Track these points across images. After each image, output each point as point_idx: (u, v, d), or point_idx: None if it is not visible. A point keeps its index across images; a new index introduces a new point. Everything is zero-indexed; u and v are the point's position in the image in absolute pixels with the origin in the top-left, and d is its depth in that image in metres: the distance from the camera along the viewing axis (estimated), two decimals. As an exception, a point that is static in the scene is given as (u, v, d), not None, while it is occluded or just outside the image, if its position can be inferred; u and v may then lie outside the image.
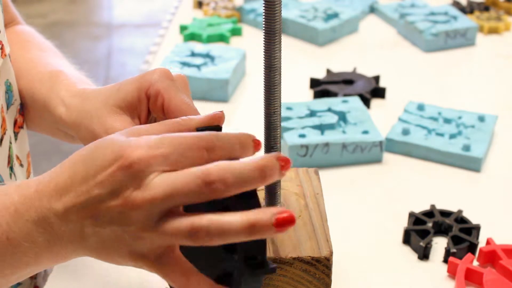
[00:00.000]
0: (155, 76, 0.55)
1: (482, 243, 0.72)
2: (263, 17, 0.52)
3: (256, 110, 0.58)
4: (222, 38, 1.27)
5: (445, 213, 0.76)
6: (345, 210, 0.79)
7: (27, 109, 0.69)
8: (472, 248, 0.71)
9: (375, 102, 1.05)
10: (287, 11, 1.30)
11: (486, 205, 0.80)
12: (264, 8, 0.52)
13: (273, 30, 0.52)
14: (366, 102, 1.03)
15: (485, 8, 1.38)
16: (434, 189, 0.84)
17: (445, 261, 0.71)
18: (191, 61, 1.09)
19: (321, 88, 1.06)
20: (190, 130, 0.48)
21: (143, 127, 0.48)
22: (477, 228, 0.73)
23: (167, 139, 0.44)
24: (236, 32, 1.30)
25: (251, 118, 1.00)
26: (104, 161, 0.43)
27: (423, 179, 0.86)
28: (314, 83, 1.09)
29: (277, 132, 0.57)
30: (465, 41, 1.25)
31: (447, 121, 0.94)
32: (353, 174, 0.87)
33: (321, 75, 1.12)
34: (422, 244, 0.71)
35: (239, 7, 1.37)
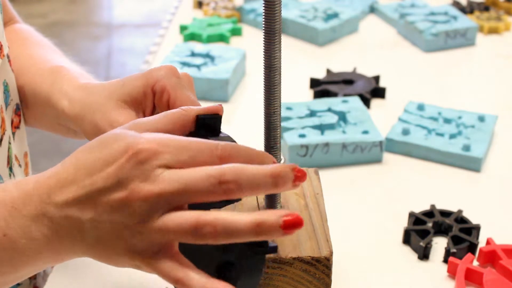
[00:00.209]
0: (161, 73, 0.55)
1: (482, 243, 0.72)
2: (263, 17, 0.52)
3: (256, 110, 0.58)
4: (222, 38, 1.27)
5: (445, 213, 0.76)
6: (345, 210, 0.79)
7: (28, 105, 0.69)
8: (472, 248, 0.71)
9: (375, 102, 1.05)
10: (287, 11, 1.30)
11: (486, 205, 0.80)
12: (264, 8, 0.52)
13: (273, 30, 0.52)
14: (366, 102, 1.03)
15: (485, 8, 1.38)
16: (434, 189, 0.84)
17: (445, 261, 0.71)
18: (191, 61, 1.09)
19: (321, 88, 1.06)
20: (191, 120, 0.48)
21: (145, 119, 0.47)
22: (477, 228, 0.73)
23: (178, 139, 0.43)
24: (236, 32, 1.30)
25: (251, 118, 1.00)
26: (112, 154, 0.43)
27: (423, 179, 0.86)
28: (314, 83, 1.09)
29: (277, 132, 0.57)
30: (465, 41, 1.25)
31: (447, 121, 0.94)
32: (353, 174, 0.87)
33: (321, 75, 1.12)
34: (422, 244, 0.71)
35: (239, 7, 1.37)
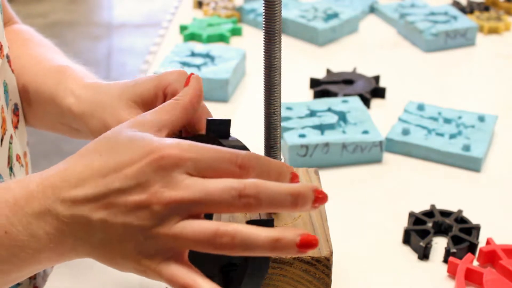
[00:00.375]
0: (173, 77, 0.56)
1: (482, 243, 0.72)
2: (263, 17, 0.52)
3: (256, 110, 0.58)
4: (222, 38, 1.27)
5: (445, 213, 0.76)
6: (345, 210, 0.79)
7: (31, 104, 0.68)
8: (472, 248, 0.71)
9: (375, 102, 1.05)
10: (287, 11, 1.30)
11: (486, 205, 0.80)
12: (264, 8, 0.52)
13: (273, 30, 0.52)
14: (366, 102, 1.03)
15: (485, 8, 1.38)
16: (434, 189, 0.84)
17: (445, 261, 0.71)
18: (191, 61, 1.09)
19: (321, 88, 1.06)
20: (185, 106, 0.49)
21: (148, 116, 0.47)
22: (477, 228, 0.73)
23: (198, 146, 0.43)
24: (236, 32, 1.30)
25: (251, 118, 1.00)
26: (131, 156, 0.43)
27: (423, 179, 0.86)
28: (314, 83, 1.09)
29: (277, 132, 0.57)
30: (465, 41, 1.25)
31: (447, 121, 0.94)
32: (353, 174, 0.87)
33: (321, 75, 1.12)
34: (422, 244, 0.71)
35: (239, 7, 1.37)
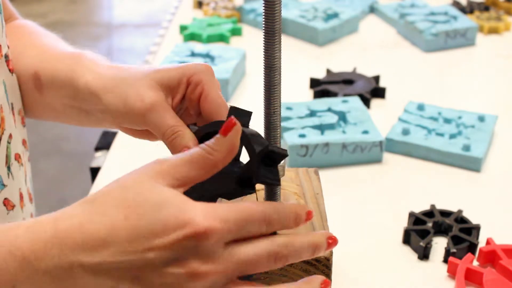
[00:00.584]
0: (200, 67, 0.57)
1: (482, 243, 0.72)
2: (263, 17, 0.52)
3: (256, 110, 0.57)
4: (222, 38, 1.27)
5: (445, 213, 0.76)
6: (345, 210, 0.79)
7: (41, 91, 0.67)
8: (472, 248, 0.71)
9: (375, 102, 1.05)
10: (287, 11, 1.30)
11: (486, 205, 0.80)
12: (264, 8, 0.52)
13: (273, 30, 0.52)
14: (366, 102, 1.03)
15: (485, 8, 1.38)
16: (434, 189, 0.84)
17: (445, 261, 0.71)
18: (191, 61, 1.09)
19: (321, 88, 1.06)
20: (216, 164, 0.46)
21: (174, 160, 0.45)
22: (477, 228, 0.73)
23: (233, 213, 0.43)
24: (236, 32, 1.30)
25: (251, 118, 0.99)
26: (164, 224, 0.41)
27: (423, 179, 0.86)
28: (314, 83, 1.09)
29: (277, 132, 0.57)
30: (465, 41, 1.25)
31: (447, 121, 0.94)
32: (353, 174, 0.87)
33: (321, 75, 1.12)
34: (422, 244, 0.71)
35: (239, 7, 1.37)
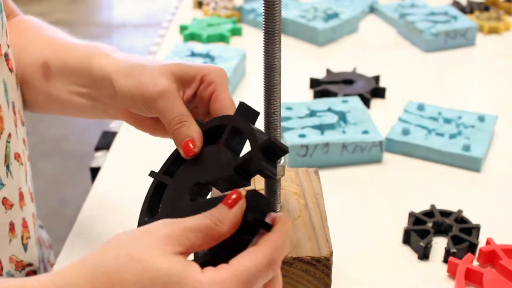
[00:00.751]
0: (215, 69, 0.59)
1: (482, 243, 0.72)
2: (263, 17, 0.52)
3: (256, 110, 0.57)
4: (222, 38, 1.27)
5: (445, 213, 0.76)
6: (345, 210, 0.79)
7: (48, 79, 0.67)
8: (472, 248, 0.71)
9: (375, 102, 1.05)
10: (287, 11, 1.30)
11: (486, 205, 0.80)
12: (264, 8, 0.52)
13: (273, 30, 0.52)
14: (366, 102, 1.03)
15: (485, 8, 1.38)
16: (434, 189, 0.84)
17: (445, 261, 0.71)
18: (191, 61, 1.09)
19: (321, 88, 1.06)
20: (220, 235, 0.46)
21: (180, 227, 0.45)
22: (477, 228, 0.73)
23: (238, 278, 0.43)
24: (236, 32, 1.30)
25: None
26: None
27: (423, 179, 0.86)
28: (314, 83, 1.09)
29: (277, 132, 0.57)
30: (465, 41, 1.25)
31: (447, 121, 0.94)
32: (353, 174, 0.87)
33: (321, 75, 1.12)
34: (422, 244, 0.71)
35: (239, 7, 1.37)
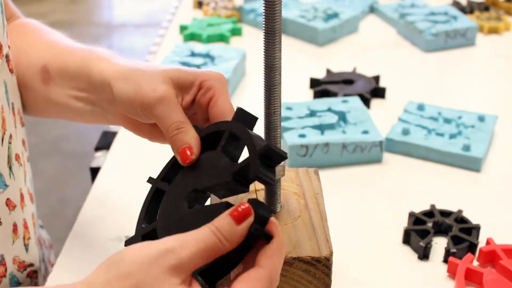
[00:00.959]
0: (214, 75, 0.59)
1: (482, 243, 0.72)
2: (263, 17, 0.52)
3: (256, 110, 0.57)
4: (222, 38, 1.27)
5: (445, 213, 0.76)
6: (345, 210, 0.79)
7: (48, 83, 0.67)
8: (472, 248, 0.71)
9: (375, 102, 1.05)
10: (287, 11, 1.30)
11: (486, 205, 0.80)
12: (264, 8, 0.52)
13: (273, 30, 0.52)
14: (366, 102, 1.03)
15: (485, 8, 1.38)
16: (434, 189, 0.84)
17: (445, 261, 0.71)
18: (191, 61, 1.09)
19: (321, 88, 1.06)
20: (224, 252, 0.46)
21: (185, 250, 0.45)
22: (477, 228, 0.73)
23: None
24: (236, 32, 1.30)
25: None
26: None
27: (423, 179, 0.86)
28: (314, 83, 1.09)
29: (277, 132, 0.57)
30: (465, 41, 1.25)
31: (447, 121, 0.94)
32: (353, 174, 0.87)
33: (321, 75, 1.12)
34: (422, 244, 0.71)
35: (239, 7, 1.37)
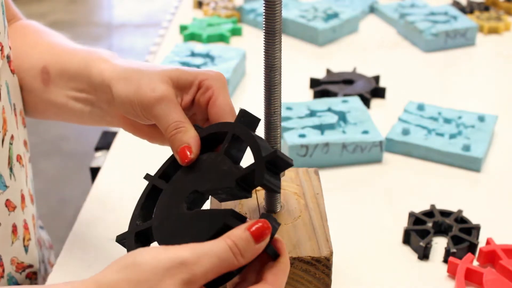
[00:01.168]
0: (213, 74, 0.59)
1: (482, 243, 0.72)
2: (263, 17, 0.52)
3: (256, 110, 0.57)
4: (222, 38, 1.27)
5: (445, 213, 0.76)
6: (345, 210, 0.79)
7: (47, 84, 0.68)
8: (472, 248, 0.71)
9: (375, 102, 1.05)
10: (287, 11, 1.30)
11: (486, 205, 0.80)
12: (264, 8, 0.52)
13: (273, 30, 0.52)
14: (366, 102, 1.03)
15: (485, 8, 1.38)
16: (434, 189, 0.84)
17: (445, 261, 0.71)
18: (191, 61, 1.09)
19: (321, 88, 1.06)
20: (237, 267, 0.46)
21: (193, 258, 0.45)
22: (477, 228, 0.73)
23: None
24: (236, 32, 1.30)
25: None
26: None
27: (423, 179, 0.86)
28: (314, 83, 1.09)
29: (277, 132, 0.57)
30: (465, 41, 1.25)
31: (447, 121, 0.94)
32: (353, 174, 0.87)
33: (321, 75, 1.12)
34: (422, 244, 0.71)
35: (239, 7, 1.37)
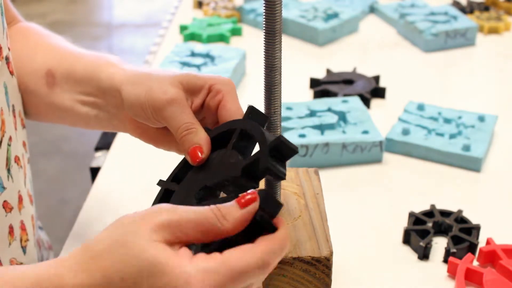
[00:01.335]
0: (223, 79, 0.60)
1: (482, 243, 0.72)
2: (263, 17, 0.52)
3: (256, 110, 0.57)
4: (222, 38, 1.27)
5: (445, 213, 0.76)
6: (345, 210, 0.79)
7: (52, 87, 0.68)
8: (472, 248, 0.71)
9: (375, 102, 1.05)
10: (287, 11, 1.30)
11: (486, 205, 0.80)
12: (264, 8, 0.52)
13: (273, 30, 0.52)
14: (366, 102, 1.03)
15: (485, 8, 1.38)
16: (434, 189, 0.84)
17: (445, 261, 0.71)
18: (191, 61, 1.09)
19: (321, 88, 1.06)
20: (222, 234, 0.46)
21: (185, 224, 0.45)
22: (477, 228, 0.73)
23: (229, 275, 0.43)
24: (236, 32, 1.30)
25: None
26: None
27: (423, 179, 0.86)
28: (314, 83, 1.09)
29: (277, 132, 0.57)
30: (465, 41, 1.25)
31: (447, 121, 0.94)
32: (353, 174, 0.87)
33: (321, 75, 1.12)
34: (422, 244, 0.71)
35: (239, 7, 1.37)
